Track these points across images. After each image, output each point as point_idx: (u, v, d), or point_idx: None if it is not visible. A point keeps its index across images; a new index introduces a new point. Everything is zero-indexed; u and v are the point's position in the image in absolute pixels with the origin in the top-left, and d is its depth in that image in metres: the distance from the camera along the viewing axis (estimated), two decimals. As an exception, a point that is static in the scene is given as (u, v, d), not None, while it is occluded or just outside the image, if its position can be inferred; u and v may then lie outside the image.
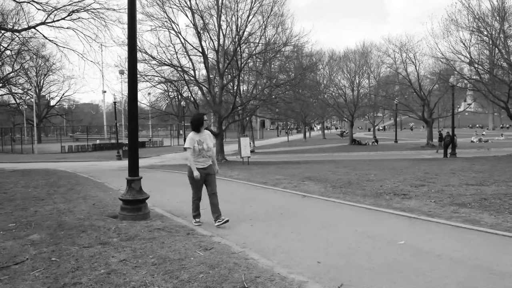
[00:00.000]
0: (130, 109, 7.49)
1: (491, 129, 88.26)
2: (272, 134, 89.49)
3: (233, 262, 4.73)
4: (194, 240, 5.75)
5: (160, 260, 4.79)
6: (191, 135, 6.71)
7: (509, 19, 25.73)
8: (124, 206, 7.22)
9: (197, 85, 26.52)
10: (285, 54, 29.17)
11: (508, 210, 7.38)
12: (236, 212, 8.13)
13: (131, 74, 7.40)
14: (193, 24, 24.32)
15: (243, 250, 5.32)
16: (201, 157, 6.69)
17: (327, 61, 50.43)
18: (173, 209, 8.47)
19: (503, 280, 4.15)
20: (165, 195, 10.54)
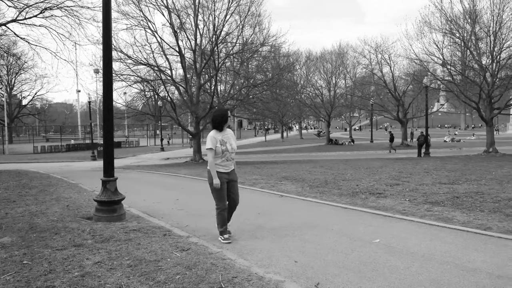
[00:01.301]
0: (105, 108, 7.37)
1: (463, 129, 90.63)
2: (249, 134, 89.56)
3: (210, 262, 4.71)
4: (171, 241, 5.70)
5: (136, 261, 4.73)
6: (213, 133, 5.76)
7: (480, 21, 26.46)
8: (99, 207, 7.10)
9: (174, 85, 26.30)
10: (262, 54, 29.21)
11: (479, 208, 7.58)
12: (213, 212, 8.09)
13: (106, 73, 7.28)
14: (170, 23, 24.10)
15: (220, 250, 5.31)
16: (224, 160, 5.82)
17: (304, 61, 50.87)
18: (149, 210, 8.38)
19: (473, 276, 4.26)
20: (141, 196, 10.42)
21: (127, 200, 8.43)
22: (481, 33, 26.31)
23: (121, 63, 23.41)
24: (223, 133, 5.82)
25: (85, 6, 17.47)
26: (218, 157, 5.76)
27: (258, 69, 30.18)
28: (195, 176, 15.55)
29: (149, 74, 26.43)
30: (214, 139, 5.72)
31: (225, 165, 5.86)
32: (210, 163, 5.74)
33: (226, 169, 5.88)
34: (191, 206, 8.85)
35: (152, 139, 58.54)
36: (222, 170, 5.83)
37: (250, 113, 36.58)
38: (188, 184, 13.24)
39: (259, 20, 28.32)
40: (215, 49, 24.39)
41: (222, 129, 5.81)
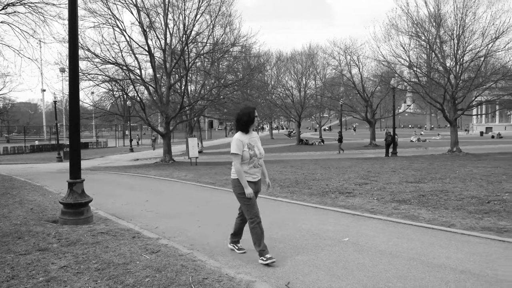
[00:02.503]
0: (72, 108, 7.18)
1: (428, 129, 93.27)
2: (220, 134, 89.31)
3: (181, 264, 4.66)
4: (140, 243, 5.61)
5: (104, 265, 4.63)
6: (239, 136, 4.96)
7: (444, 25, 27.32)
8: (65, 210, 6.91)
9: (143, 85, 25.92)
10: (233, 54, 29.21)
11: (444, 205, 7.82)
12: (184, 213, 8.03)
13: (72, 72, 7.10)
14: (139, 22, 23.73)
15: (190, 251, 5.26)
16: (252, 167, 5.00)
17: (275, 62, 51.09)
18: (118, 212, 8.22)
19: (438, 272, 4.39)
20: (109, 198, 10.21)
21: (95, 202, 8.25)
22: (445, 37, 27.18)
23: (88, 62, 22.91)
24: (249, 136, 5.03)
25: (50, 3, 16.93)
26: (245, 163, 4.96)
27: (229, 69, 30.16)
28: (165, 177, 15.37)
29: (117, 73, 25.96)
30: (240, 142, 4.90)
31: (253, 173, 5.03)
32: (238, 170, 4.89)
33: (254, 177, 5.05)
34: (161, 208, 8.74)
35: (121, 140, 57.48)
36: (249, 179, 5.00)
37: (221, 113, 36.51)
38: (158, 185, 13.07)
39: (229, 20, 28.33)
40: (185, 49, 24.20)
41: (248, 131, 5.03)
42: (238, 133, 5.02)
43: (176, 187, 12.42)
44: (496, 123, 67.45)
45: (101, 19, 22.86)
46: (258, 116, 5.10)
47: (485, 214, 6.94)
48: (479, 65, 26.37)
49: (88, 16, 22.84)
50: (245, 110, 5.05)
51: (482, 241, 5.47)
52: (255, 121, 5.01)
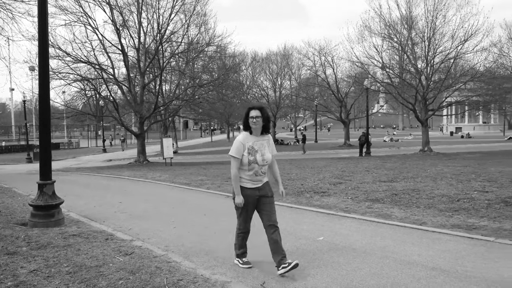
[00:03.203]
0: (42, 108, 6.99)
1: (401, 129, 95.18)
2: (195, 134, 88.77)
3: (155, 266, 4.60)
4: (113, 245, 5.51)
5: (76, 268, 4.52)
6: (241, 137, 4.43)
7: (416, 27, 27.96)
8: (35, 212, 6.72)
9: (116, 84, 25.49)
10: (208, 54, 29.08)
11: (415, 204, 7.99)
12: (158, 214, 7.94)
13: (42, 71, 6.92)
14: (112, 20, 23.33)
15: (165, 253, 5.20)
16: (252, 174, 4.44)
17: (250, 62, 51.20)
18: (90, 214, 8.06)
19: (410, 269, 4.48)
20: (81, 199, 10.00)
21: (66, 204, 8.06)
22: (417, 39, 27.81)
23: (59, 61, 22.39)
24: (256, 138, 4.42)
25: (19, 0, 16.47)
26: (245, 169, 4.42)
27: (204, 69, 30.02)
28: (139, 177, 15.16)
29: (90, 72, 25.46)
30: (240, 145, 4.36)
31: (254, 180, 4.48)
32: (233, 175, 4.42)
33: (254, 184, 4.48)
34: (135, 209, 8.61)
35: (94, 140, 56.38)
36: (249, 185, 4.47)
37: (196, 113, 36.32)
38: (132, 186, 12.88)
39: (204, 19, 28.22)
40: (159, 48, 23.95)
41: (252, 132, 4.41)
42: (242, 133, 4.48)
43: (150, 188, 12.27)
44: (465, 123, 69.43)
45: (73, 17, 22.39)
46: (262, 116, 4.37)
47: (455, 212, 7.12)
48: (449, 67, 27.10)
49: (59, 14, 22.46)
50: (247, 108, 4.51)
51: (452, 239, 5.61)
52: (250, 121, 4.37)
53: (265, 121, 4.40)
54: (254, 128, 4.37)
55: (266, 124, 4.44)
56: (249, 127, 4.38)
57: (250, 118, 4.35)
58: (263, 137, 4.48)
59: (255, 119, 4.33)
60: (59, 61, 22.43)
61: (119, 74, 28.74)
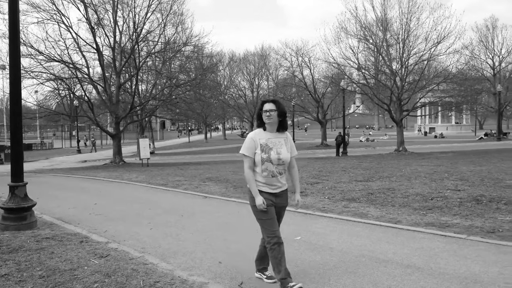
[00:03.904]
0: (13, 108, 6.81)
1: (377, 129, 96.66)
2: (173, 135, 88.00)
3: (131, 268, 4.54)
4: (88, 248, 5.41)
5: (49, 272, 4.42)
6: (253, 133, 3.97)
7: (391, 29, 28.46)
8: (6, 215, 6.54)
9: (91, 84, 25.03)
10: (185, 54, 28.90)
11: (391, 203, 8.12)
12: (134, 215, 7.84)
13: (13, 70, 6.74)
14: (86, 19, 22.90)
15: (141, 255, 5.14)
16: (267, 175, 3.89)
17: (228, 62, 51.18)
18: (64, 216, 7.88)
19: (386, 267, 4.55)
20: (55, 201, 9.78)
21: (39, 206, 7.87)
22: (392, 40, 28.30)
23: (31, 59, 21.84)
24: (270, 135, 3.93)
25: (-11, -4, 16.00)
26: (258, 169, 3.91)
27: (181, 69, 29.81)
28: (114, 178, 14.93)
29: (63, 71, 24.91)
30: (251, 141, 3.90)
31: (270, 183, 3.91)
32: (246, 175, 3.91)
33: (272, 188, 3.93)
34: (110, 210, 8.48)
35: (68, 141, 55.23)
36: (265, 188, 3.92)
37: (173, 113, 36.02)
38: (108, 188, 12.67)
39: (181, 19, 28.03)
40: (135, 47, 23.66)
41: (266, 128, 3.94)
42: (255, 129, 4.05)
43: (126, 189, 12.10)
44: (438, 123, 70.99)
45: (46, 15, 21.88)
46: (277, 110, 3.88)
47: (429, 211, 7.28)
48: (423, 68, 27.68)
49: (31, 11, 21.72)
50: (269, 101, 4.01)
51: (426, 236, 5.73)
52: (264, 116, 3.89)
53: (281, 116, 3.91)
54: (268, 123, 3.89)
55: (282, 120, 3.95)
56: (262, 123, 3.94)
57: (264, 112, 3.88)
58: (280, 134, 3.98)
59: (269, 113, 3.85)
60: (31, 60, 21.90)
61: (94, 73, 28.23)
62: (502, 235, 5.58)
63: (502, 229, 5.87)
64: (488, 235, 5.62)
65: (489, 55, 46.89)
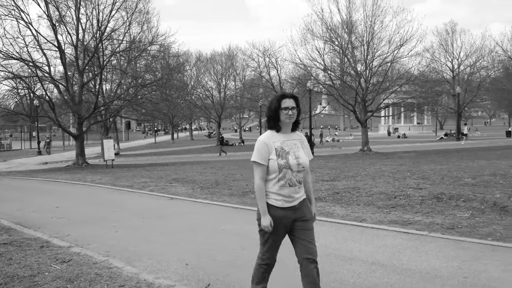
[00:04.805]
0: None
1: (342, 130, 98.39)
2: (138, 135, 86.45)
3: (95, 272, 4.43)
4: (49, 253, 5.23)
5: (7, 279, 4.24)
6: (264, 136, 3.29)
7: (356, 32, 29.02)
8: (-39, 220, 6.23)
9: (52, 83, 24.23)
10: (151, 53, 28.47)
11: (356, 202, 8.28)
12: (98, 218, 7.64)
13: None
14: (47, 15, 22.14)
15: (106, 258, 5.02)
16: (284, 184, 3.22)
17: (194, 62, 50.76)
18: (23, 220, 7.59)
19: (351, 265, 4.63)
20: (14, 205, 9.41)
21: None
22: (357, 42, 28.88)
23: (-13, 57, 20.89)
24: (285, 137, 3.29)
25: None
26: (273, 179, 3.23)
27: (147, 69, 29.33)
28: (77, 181, 14.52)
29: (23, 70, 24.02)
30: (264, 146, 3.22)
31: (287, 195, 3.24)
32: (257, 187, 3.24)
33: (289, 201, 3.26)
34: (73, 213, 8.23)
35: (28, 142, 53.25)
36: (279, 203, 3.24)
37: (138, 114, 35.40)
38: (70, 190, 12.31)
39: (147, 17, 27.60)
40: (99, 46, 23.07)
41: (280, 129, 3.29)
42: (266, 132, 3.35)
43: (90, 191, 11.79)
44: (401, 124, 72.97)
45: (3, 10, 21.00)
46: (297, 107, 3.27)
47: (392, 209, 7.47)
48: (386, 70, 28.38)
49: (-13, 7, 20.81)
50: (271, 101, 3.37)
51: (390, 234, 5.87)
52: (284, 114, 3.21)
53: (299, 114, 3.32)
54: (286, 123, 3.26)
55: (297, 119, 3.34)
56: (277, 124, 3.27)
57: (284, 110, 3.21)
58: (294, 135, 3.35)
59: (291, 111, 3.21)
60: (-14, 58, 20.97)
61: (56, 72, 27.36)
62: (461, 231, 5.79)
63: (461, 225, 6.09)
64: (448, 232, 5.82)
65: (449, 58, 48.63)
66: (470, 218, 6.48)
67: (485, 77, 44.91)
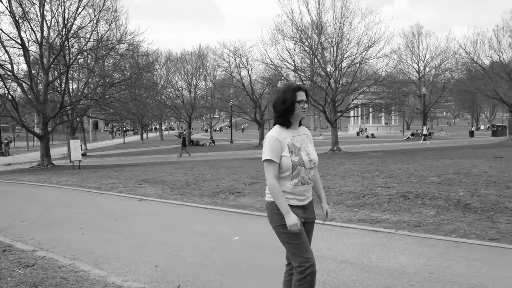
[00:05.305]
0: None
1: (312, 130, 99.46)
2: (106, 136, 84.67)
3: (60, 277, 4.30)
4: (11, 257, 5.05)
5: (-34, 285, 4.07)
6: (274, 132, 3.04)
7: (325, 33, 29.40)
8: None
9: (16, 81, 23.40)
10: (119, 52, 27.94)
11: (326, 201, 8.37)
12: (65, 221, 7.43)
13: None
14: (10, 12, 21.37)
15: (72, 262, 4.89)
16: (298, 183, 3.04)
17: (164, 61, 50.17)
18: (-16, 224, 7.30)
19: (321, 263, 4.67)
20: (-26, 208, 9.03)
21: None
22: (326, 43, 29.25)
23: None
24: (294, 132, 3.08)
25: None
26: (286, 177, 3.02)
27: (115, 68, 28.76)
28: (42, 182, 14.08)
29: (-17, 67, 23.06)
30: (276, 142, 2.98)
31: (299, 193, 3.08)
32: (272, 187, 2.97)
33: (301, 199, 3.12)
34: (37, 216, 7.97)
35: (-11, 143, 51.25)
36: (293, 201, 3.07)
37: (106, 113, 34.62)
38: (34, 192, 11.92)
39: (115, 15, 27.06)
40: (65, 44, 22.44)
41: (290, 125, 3.07)
42: (275, 127, 3.10)
43: (55, 193, 11.46)
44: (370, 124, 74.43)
45: (-38, 6, 20.14)
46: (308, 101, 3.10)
47: (361, 207, 7.60)
48: (355, 71, 28.91)
49: None
50: (280, 91, 3.10)
51: (359, 232, 5.97)
52: (298, 107, 3.00)
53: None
54: (298, 118, 3.08)
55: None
56: (283, 118, 3.03)
57: (299, 103, 3.00)
58: (301, 130, 3.16)
59: (306, 105, 3.05)
60: None
61: (19, 70, 26.47)
62: (427, 229, 5.95)
63: (426, 223, 6.26)
64: (415, 229, 5.97)
65: (415, 60, 50.02)
66: (435, 215, 6.67)
67: (449, 78, 46.44)
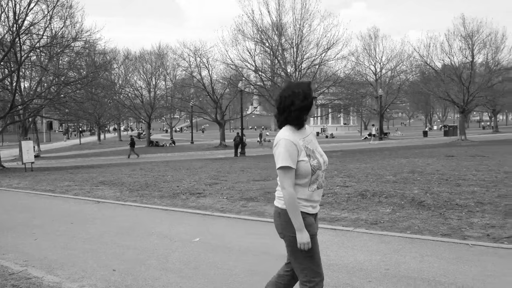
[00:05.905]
0: None
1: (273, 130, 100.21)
2: (62, 136, 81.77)
3: (11, 284, 4.11)
4: (-43, 265, 4.77)
5: None
6: (288, 134, 2.73)
7: (285, 34, 29.76)
8: None
9: (-38, 79, 22.21)
10: (75, 49, 27.09)
11: (286, 200, 8.45)
12: (16, 225, 7.11)
13: None
14: (-45, 6, 20.25)
15: (24, 268, 4.68)
16: (315, 188, 2.79)
17: (123, 60, 49.03)
18: None
19: (282, 262, 4.71)
20: None
21: None
22: (286, 45, 29.63)
23: None
24: (301, 133, 2.81)
25: None
26: (304, 184, 2.74)
27: (70, 66, 27.85)
28: (-8, 185, 13.41)
29: None
30: (293, 146, 2.68)
31: (313, 200, 2.82)
32: (289, 197, 2.68)
33: (315, 205, 2.87)
34: (-14, 221, 7.58)
35: None
36: (308, 209, 2.81)
37: (61, 113, 33.46)
38: (-17, 196, 11.32)
39: (70, 12, 26.22)
40: (16, 40, 21.48)
41: (302, 125, 2.81)
42: (286, 129, 2.78)
43: (5, 197, 10.94)
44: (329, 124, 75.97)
45: None
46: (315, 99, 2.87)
47: (320, 206, 7.69)
48: (315, 72, 29.44)
49: None
50: (297, 88, 2.76)
51: (318, 231, 6.05)
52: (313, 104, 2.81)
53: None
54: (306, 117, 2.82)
55: None
56: (300, 117, 2.77)
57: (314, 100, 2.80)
58: (307, 130, 2.89)
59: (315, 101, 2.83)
60: None
61: (-34, 67, 25.10)
62: (383, 226, 6.13)
63: (383, 220, 6.45)
64: (372, 227, 6.13)
65: (372, 62, 51.45)
66: (391, 213, 6.88)
67: (404, 80, 48.14)
